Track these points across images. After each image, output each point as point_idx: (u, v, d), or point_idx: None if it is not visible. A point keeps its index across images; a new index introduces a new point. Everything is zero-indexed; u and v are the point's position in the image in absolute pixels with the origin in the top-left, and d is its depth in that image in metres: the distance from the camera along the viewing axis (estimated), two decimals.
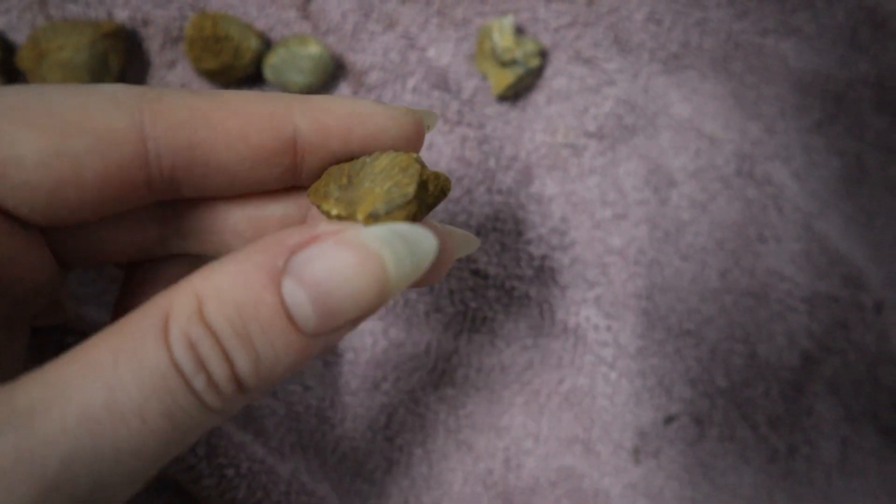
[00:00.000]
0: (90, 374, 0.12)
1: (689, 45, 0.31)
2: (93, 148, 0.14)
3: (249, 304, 0.13)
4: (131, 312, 0.13)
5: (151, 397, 0.12)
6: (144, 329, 0.13)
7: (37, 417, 0.12)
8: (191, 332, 0.13)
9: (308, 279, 0.14)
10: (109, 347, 0.13)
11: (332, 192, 0.16)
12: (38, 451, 0.12)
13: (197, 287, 0.13)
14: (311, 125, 0.16)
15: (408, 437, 0.29)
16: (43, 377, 0.12)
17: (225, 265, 0.14)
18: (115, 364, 0.12)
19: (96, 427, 0.12)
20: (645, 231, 0.31)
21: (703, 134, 0.31)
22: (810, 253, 0.31)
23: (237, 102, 0.16)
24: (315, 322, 0.14)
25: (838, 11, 0.31)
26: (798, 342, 0.31)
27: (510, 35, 0.28)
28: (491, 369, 0.29)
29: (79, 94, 0.15)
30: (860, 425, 0.32)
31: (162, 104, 0.15)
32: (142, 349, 0.13)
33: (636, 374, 0.30)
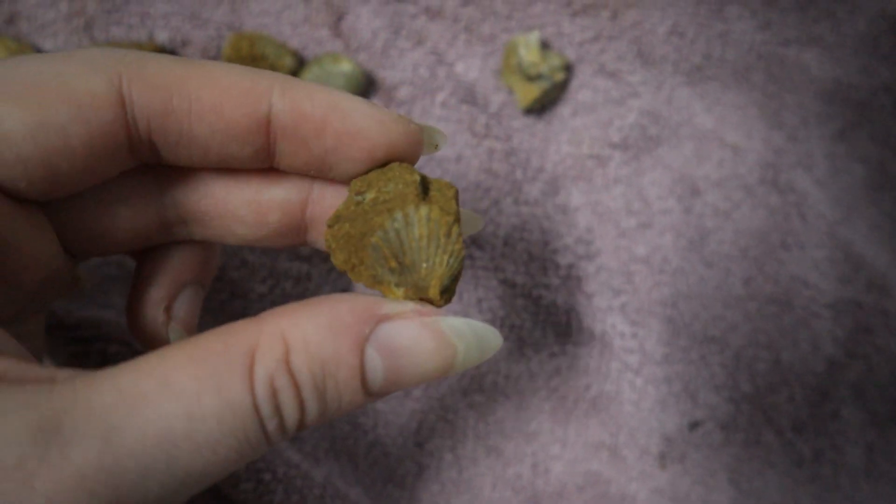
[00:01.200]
0: (172, 399, 0.13)
1: (712, 56, 0.31)
2: (76, 116, 0.15)
3: (333, 363, 0.14)
4: (213, 337, 0.14)
5: (229, 435, 0.13)
6: (230, 364, 0.13)
7: (118, 428, 0.12)
8: (276, 380, 0.14)
9: (388, 351, 0.15)
10: (192, 375, 0.13)
11: (386, 276, 0.17)
12: (119, 462, 0.12)
13: (285, 332, 0.14)
14: (288, 108, 0.16)
15: (438, 442, 0.30)
16: (116, 384, 0.13)
17: (314, 315, 0.15)
18: (198, 395, 0.13)
19: (173, 451, 0.13)
20: (669, 240, 0.31)
21: (726, 143, 0.32)
22: (834, 259, 0.32)
23: (217, 74, 0.16)
24: (381, 386, 0.15)
25: (859, 21, 0.31)
26: (822, 348, 0.31)
27: (536, 50, 0.29)
28: (519, 376, 0.30)
29: (56, 62, 0.15)
30: (886, 430, 0.32)
31: (140, 68, 0.15)
32: (226, 386, 0.13)
33: (662, 380, 0.30)
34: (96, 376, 0.13)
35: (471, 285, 0.30)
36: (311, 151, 0.17)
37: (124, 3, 0.29)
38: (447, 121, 0.30)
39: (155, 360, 0.14)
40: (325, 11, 0.30)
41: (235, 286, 0.29)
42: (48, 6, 0.29)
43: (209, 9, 0.30)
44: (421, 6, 0.31)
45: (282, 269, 0.29)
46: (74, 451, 0.12)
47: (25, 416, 0.12)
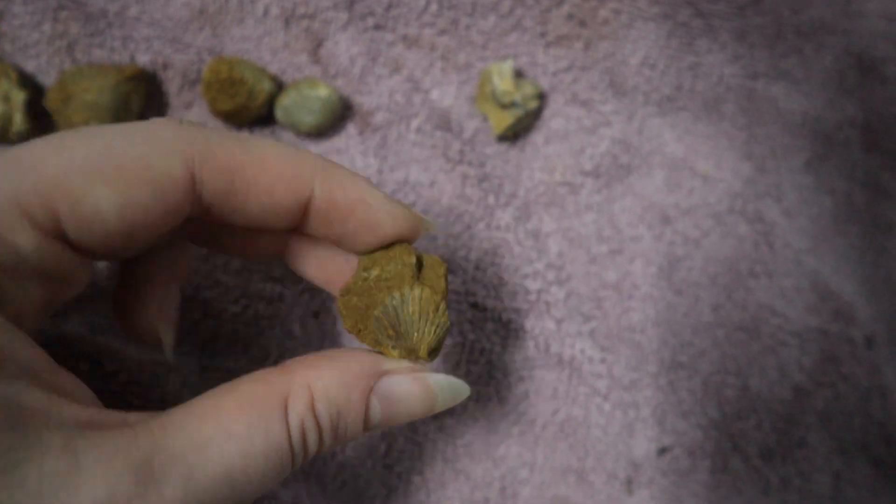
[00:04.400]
0: (231, 442, 0.17)
1: (682, 87, 0.33)
2: (157, 196, 0.18)
3: (346, 409, 0.19)
4: (253, 385, 0.18)
5: (272, 467, 0.18)
6: (271, 411, 0.18)
7: (194, 468, 0.16)
8: (305, 422, 0.18)
9: (387, 400, 0.20)
10: (244, 421, 0.17)
11: (385, 341, 0.21)
12: (198, 496, 0.16)
13: (311, 383, 0.19)
14: (326, 196, 0.20)
15: (407, 465, 0.30)
16: (186, 430, 0.17)
17: (332, 369, 0.19)
18: (249, 438, 0.17)
19: (234, 483, 0.17)
20: (639, 266, 0.32)
21: (696, 173, 0.33)
22: (801, 288, 0.33)
23: (271, 158, 0.20)
24: (378, 424, 0.20)
25: (826, 57, 0.33)
26: (790, 375, 0.32)
27: (509, 78, 0.31)
28: (488, 399, 0.31)
29: (139, 141, 0.18)
30: (852, 458, 0.33)
31: (209, 151, 0.19)
32: (270, 430, 0.18)
33: (630, 405, 0.31)
34: (168, 422, 0.17)
35: None
36: (335, 231, 0.21)
37: (107, 27, 0.30)
38: (422, 146, 0.32)
39: (211, 405, 0.18)
40: (305, 38, 0.31)
41: (208, 306, 0.29)
42: (32, 27, 0.30)
43: (191, 33, 0.31)
44: (398, 34, 0.32)
45: (255, 290, 0.30)
46: (165, 489, 0.16)
47: (125, 459, 0.15)
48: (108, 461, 0.15)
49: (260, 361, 0.30)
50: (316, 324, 0.31)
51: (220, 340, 0.30)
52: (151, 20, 0.31)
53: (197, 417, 0.17)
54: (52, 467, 0.15)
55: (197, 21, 0.31)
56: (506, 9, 0.32)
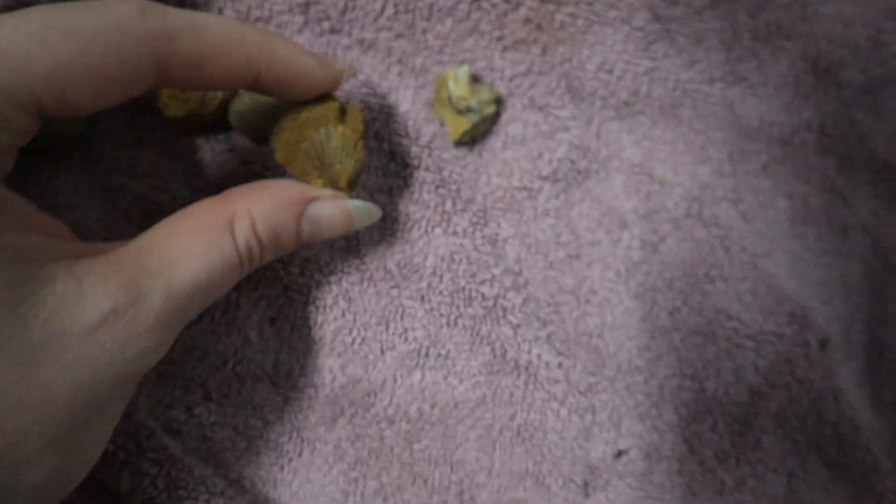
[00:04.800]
0: (195, 260, 0.21)
1: (640, 92, 0.33)
2: (125, 91, 0.21)
3: (281, 229, 0.24)
4: (201, 213, 0.23)
5: (226, 277, 0.22)
6: (220, 232, 0.22)
7: (170, 283, 0.20)
8: (249, 241, 0.23)
9: (313, 221, 0.25)
10: (202, 242, 0.21)
11: (311, 171, 0.26)
12: (176, 303, 0.21)
13: (251, 209, 0.23)
14: (270, 75, 0.24)
15: (364, 469, 0.30)
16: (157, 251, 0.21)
17: (268, 197, 0.24)
18: (208, 255, 0.21)
19: (201, 292, 0.21)
20: (597, 271, 0.33)
21: (653, 177, 0.33)
22: (757, 292, 0.33)
23: (224, 47, 0.22)
24: (306, 239, 0.25)
25: (782, 61, 0.33)
26: (745, 378, 0.33)
27: (465, 84, 0.30)
28: (445, 405, 0.31)
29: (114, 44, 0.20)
30: (806, 459, 0.33)
31: (173, 49, 0.21)
32: (223, 246, 0.22)
33: (586, 409, 0.32)
34: (143, 246, 0.21)
35: (397, 315, 0.31)
36: (278, 93, 0.25)
37: None
38: (378, 151, 0.31)
39: (174, 230, 0.22)
40: None
41: None
42: None
43: None
44: (354, 38, 0.32)
45: None
46: (151, 300, 0.20)
47: (117, 279, 0.19)
48: (105, 282, 0.19)
49: (216, 368, 0.30)
50: (273, 330, 0.31)
51: (176, 348, 0.30)
52: None
53: (164, 241, 0.21)
54: (62, 290, 0.18)
55: None
56: (463, 13, 0.32)
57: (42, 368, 0.18)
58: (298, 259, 0.30)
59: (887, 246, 0.34)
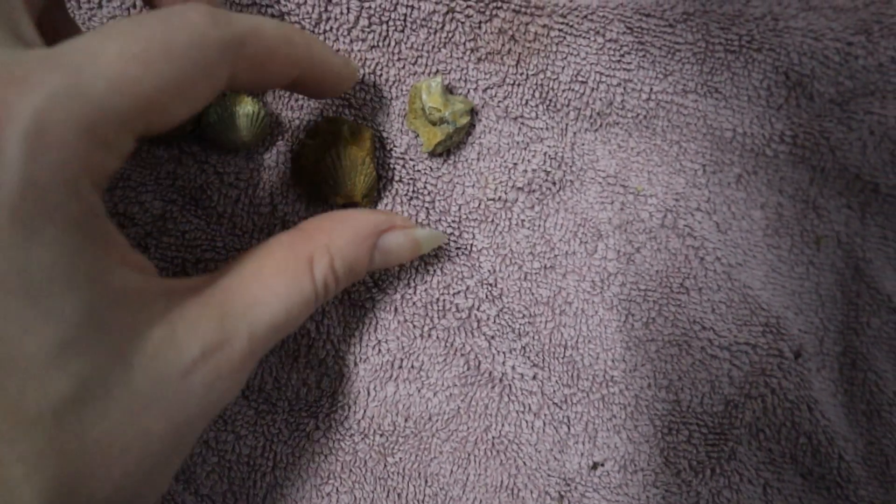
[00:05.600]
0: (275, 299, 0.22)
1: (614, 103, 0.33)
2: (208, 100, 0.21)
3: (356, 263, 0.25)
4: (281, 247, 0.23)
5: (303, 315, 0.23)
6: (301, 271, 0.23)
7: (254, 325, 0.21)
8: (326, 278, 0.23)
9: (384, 252, 0.26)
10: (282, 281, 0.22)
11: (330, 192, 0.30)
12: (258, 337, 0.21)
13: (329, 245, 0.24)
14: (308, 75, 0.25)
15: (336, 484, 0.30)
16: (239, 291, 0.21)
17: (344, 232, 0.25)
18: (288, 294, 0.22)
19: (279, 331, 0.22)
20: (572, 282, 0.33)
21: (628, 188, 0.33)
22: (731, 302, 0.33)
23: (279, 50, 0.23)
24: (375, 268, 0.27)
25: (754, 74, 0.33)
26: (720, 389, 0.33)
27: (438, 95, 0.31)
28: (419, 417, 0.31)
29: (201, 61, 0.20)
30: (781, 469, 0.33)
31: (243, 57, 0.21)
32: (302, 286, 0.22)
33: (561, 421, 0.32)
34: (226, 287, 0.21)
35: (371, 327, 0.31)
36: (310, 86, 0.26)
37: None
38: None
39: (255, 268, 0.22)
40: None
41: None
42: None
43: None
44: None
45: None
46: (236, 343, 0.20)
47: (206, 323, 0.20)
48: (195, 326, 0.19)
49: None
50: None
51: None
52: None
53: (247, 282, 0.22)
54: (159, 335, 0.18)
55: None
56: (437, 24, 0.32)
57: (145, 414, 0.18)
58: None
59: (859, 256, 0.35)
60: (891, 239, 0.35)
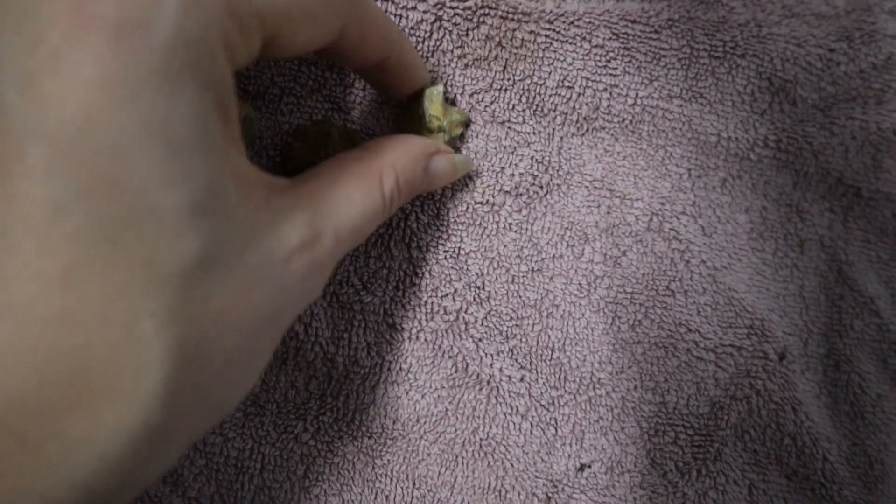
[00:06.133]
0: (353, 207, 0.23)
1: (600, 108, 0.33)
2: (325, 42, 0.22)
3: (414, 180, 0.27)
4: (357, 165, 0.24)
5: (375, 222, 0.24)
6: (373, 182, 0.24)
7: (336, 228, 0.22)
8: (392, 192, 0.25)
9: (433, 171, 0.29)
10: (358, 192, 0.23)
11: None
12: (341, 245, 0.22)
13: (394, 163, 0.26)
14: (395, 61, 0.27)
15: (325, 486, 0.30)
16: (324, 195, 0.22)
17: (406, 153, 0.27)
18: (363, 203, 0.23)
19: (356, 234, 0.23)
20: (559, 285, 0.33)
21: (614, 192, 0.34)
22: (716, 305, 0.34)
23: (379, 29, 0.25)
24: (426, 187, 0.29)
25: (738, 79, 0.34)
26: (706, 391, 0.33)
27: (439, 104, 0.31)
28: (407, 419, 0.31)
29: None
30: (766, 471, 0.34)
31: (357, 17, 0.23)
32: (374, 195, 0.24)
33: (549, 423, 0.32)
34: (313, 189, 0.22)
35: (359, 330, 0.31)
36: (390, 80, 0.29)
37: None
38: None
39: (335, 178, 0.23)
40: None
41: None
42: None
43: None
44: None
45: None
46: (324, 240, 0.21)
47: (301, 215, 0.20)
48: (293, 218, 0.20)
49: None
50: None
51: None
52: None
53: (329, 188, 0.22)
54: (265, 221, 0.19)
55: None
56: (424, 32, 0.32)
57: (254, 292, 0.18)
58: None
59: (842, 259, 0.35)
60: (873, 242, 0.36)
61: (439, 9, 0.32)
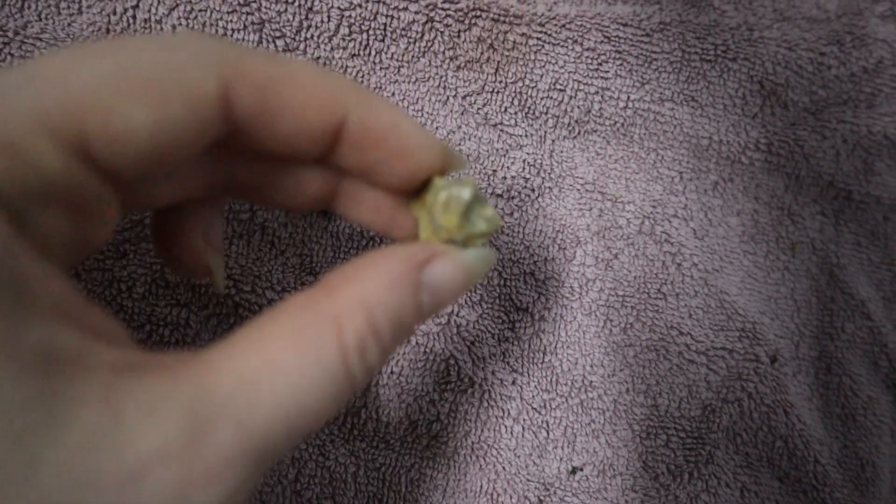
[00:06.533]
0: (281, 377, 0.16)
1: (592, 111, 0.34)
2: (189, 111, 0.16)
3: (403, 311, 0.18)
4: (299, 312, 0.17)
5: (329, 398, 0.16)
6: (322, 337, 0.16)
7: (244, 412, 0.15)
8: (364, 340, 0.17)
9: (433, 288, 0.19)
10: (294, 352, 0.16)
11: None
12: (252, 440, 0.15)
13: (363, 297, 0.17)
14: (359, 120, 0.19)
15: (316, 490, 0.30)
16: (232, 369, 0.16)
17: (378, 277, 0.18)
18: (301, 369, 0.16)
19: (290, 422, 0.16)
20: (552, 288, 0.33)
21: (606, 195, 0.34)
22: (708, 308, 0.34)
23: (305, 76, 0.18)
24: (429, 312, 0.20)
25: (729, 82, 0.34)
26: (697, 393, 0.33)
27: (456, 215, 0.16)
28: (399, 423, 0.31)
29: (169, 53, 0.17)
30: (758, 473, 0.34)
31: (243, 65, 0.17)
32: (322, 355, 0.16)
33: (541, 426, 0.32)
34: (210, 361, 0.16)
35: None
36: (367, 159, 0.20)
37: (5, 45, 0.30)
38: None
39: (256, 338, 0.16)
40: None
41: None
42: None
43: None
44: (310, 56, 0.32)
45: (160, 315, 0.30)
46: (217, 436, 0.15)
47: (169, 408, 0.14)
48: (151, 412, 0.14)
49: None
50: None
51: None
52: (54, 38, 0.31)
53: (241, 353, 0.16)
54: (92, 421, 0.13)
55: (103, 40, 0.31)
56: (416, 33, 0.32)
57: None
58: (250, 277, 0.30)
59: (833, 262, 0.35)
60: (864, 245, 0.36)
61: (431, 10, 0.32)
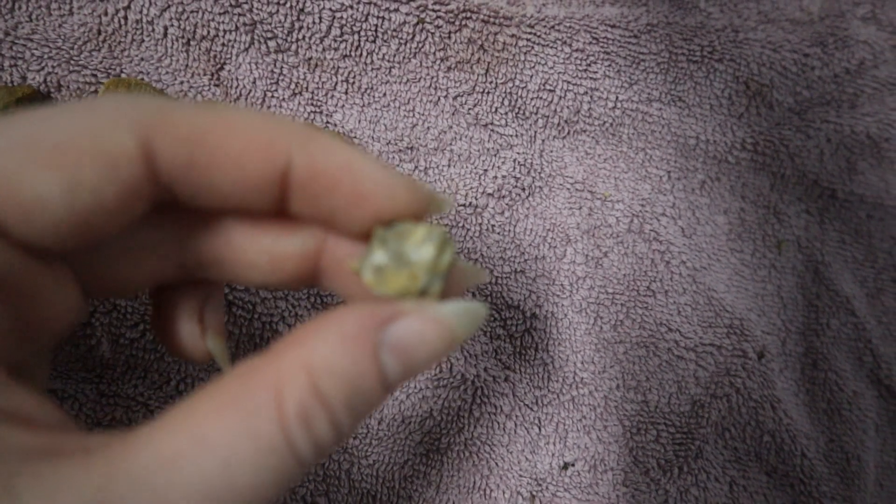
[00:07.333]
0: (207, 454, 0.14)
1: (581, 111, 0.34)
2: (108, 175, 0.15)
3: (357, 377, 0.16)
4: (236, 382, 0.15)
5: (267, 475, 0.14)
6: (258, 408, 0.14)
7: (161, 492, 0.13)
8: (309, 409, 0.15)
9: (399, 350, 0.16)
10: (223, 426, 0.14)
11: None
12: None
13: (306, 361, 0.15)
14: (304, 164, 0.17)
15: (311, 487, 0.31)
16: (151, 446, 0.14)
17: (326, 337, 0.16)
18: (231, 445, 0.14)
19: (216, 500, 0.14)
20: (542, 286, 0.34)
21: (595, 194, 0.34)
22: (696, 305, 0.34)
23: (239, 125, 0.17)
24: (399, 379, 0.17)
25: (716, 83, 0.35)
26: (686, 389, 0.34)
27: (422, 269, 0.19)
28: (392, 419, 0.31)
29: (82, 117, 0.16)
30: (747, 467, 0.35)
31: (164, 120, 0.16)
32: (258, 430, 0.14)
33: (532, 423, 0.32)
34: (131, 441, 0.14)
35: None
36: (321, 206, 0.17)
37: None
38: None
39: (184, 414, 0.15)
40: (206, 60, 0.32)
41: (105, 331, 0.29)
42: None
43: (87, 54, 0.31)
44: (301, 57, 0.33)
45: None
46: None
47: (74, 493, 0.13)
48: (53, 497, 0.13)
49: (159, 387, 0.30)
50: None
51: (117, 366, 0.30)
52: (45, 39, 0.31)
53: (166, 430, 0.14)
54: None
55: (93, 41, 0.31)
56: (407, 35, 0.33)
57: None
58: None
59: (819, 260, 0.36)
60: (848, 243, 0.37)
61: (422, 11, 0.32)
